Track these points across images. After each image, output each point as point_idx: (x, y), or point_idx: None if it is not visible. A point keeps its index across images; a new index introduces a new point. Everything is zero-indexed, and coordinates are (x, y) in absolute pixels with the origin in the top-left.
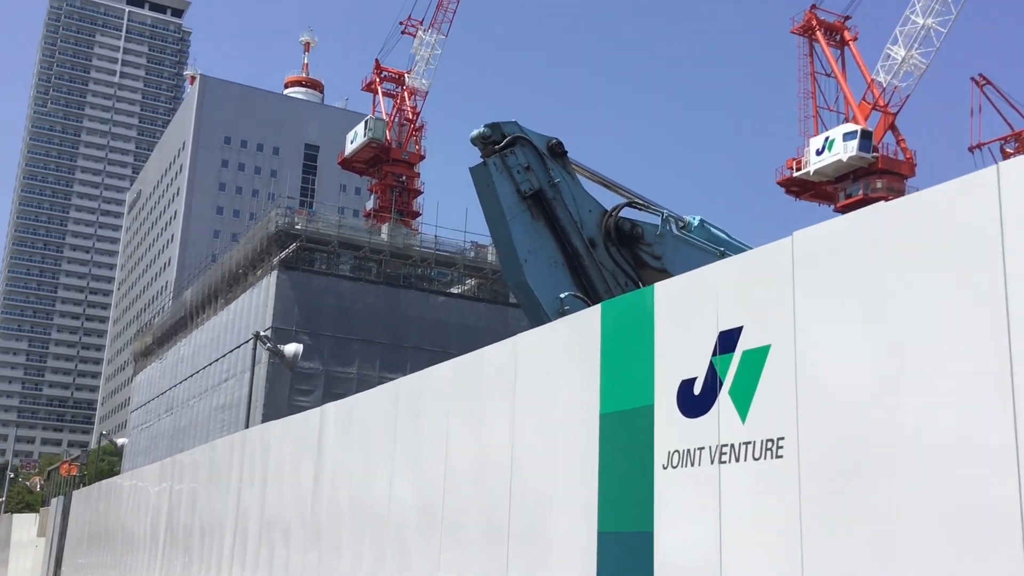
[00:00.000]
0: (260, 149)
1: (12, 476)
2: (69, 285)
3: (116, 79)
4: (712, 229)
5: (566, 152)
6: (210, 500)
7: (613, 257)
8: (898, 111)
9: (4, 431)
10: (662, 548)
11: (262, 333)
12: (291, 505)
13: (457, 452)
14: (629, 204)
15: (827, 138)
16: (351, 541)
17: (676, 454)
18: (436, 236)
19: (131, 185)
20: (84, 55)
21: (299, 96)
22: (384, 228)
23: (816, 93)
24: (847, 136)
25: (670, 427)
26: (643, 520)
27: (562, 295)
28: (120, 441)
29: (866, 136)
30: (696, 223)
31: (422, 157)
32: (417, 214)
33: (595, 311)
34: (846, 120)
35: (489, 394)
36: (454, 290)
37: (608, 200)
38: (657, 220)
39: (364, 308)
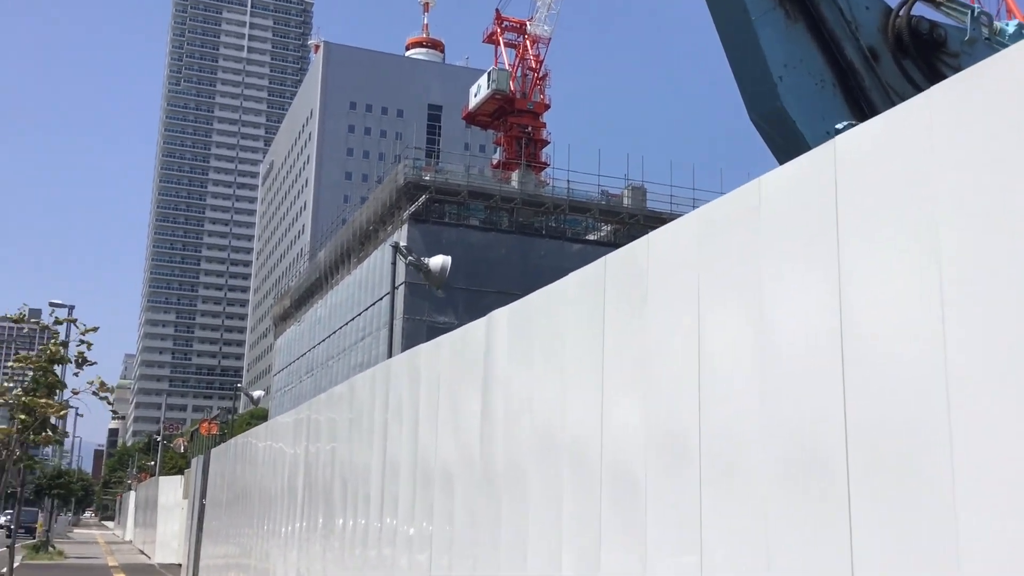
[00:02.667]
0: (384, 112)
1: (160, 440)
2: (211, 258)
3: (244, 54)
4: None
5: None
6: (351, 448)
7: (905, 72)
8: None
9: (157, 399)
10: None
11: (402, 249)
12: (452, 447)
13: (719, 352)
14: None
15: None
16: (541, 490)
17: None
18: (568, 181)
19: (263, 157)
20: (212, 32)
21: (420, 57)
22: (514, 176)
23: None
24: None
25: None
26: None
27: (838, 126)
28: (256, 394)
29: None
30: (1012, 29)
31: (547, 106)
32: (545, 164)
33: None
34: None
35: (780, 248)
36: (589, 237)
37: None
38: (961, 24)
39: (497, 259)
